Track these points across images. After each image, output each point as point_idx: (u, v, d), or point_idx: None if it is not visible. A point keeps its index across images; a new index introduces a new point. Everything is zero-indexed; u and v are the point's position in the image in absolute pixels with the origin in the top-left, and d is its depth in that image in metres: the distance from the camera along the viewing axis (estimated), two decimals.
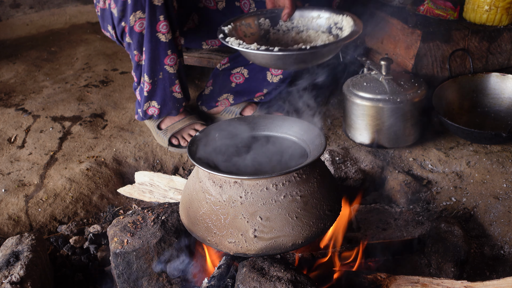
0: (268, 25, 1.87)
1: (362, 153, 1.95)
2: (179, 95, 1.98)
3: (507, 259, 1.50)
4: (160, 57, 1.84)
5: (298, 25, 1.87)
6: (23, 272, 1.33)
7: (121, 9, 1.75)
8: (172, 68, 1.88)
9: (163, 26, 1.77)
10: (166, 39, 1.80)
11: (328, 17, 1.81)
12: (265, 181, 1.15)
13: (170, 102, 1.99)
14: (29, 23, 3.70)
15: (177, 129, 2.06)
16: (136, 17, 1.75)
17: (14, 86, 2.74)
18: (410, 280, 1.29)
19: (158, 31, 1.78)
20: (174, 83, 1.93)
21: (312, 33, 1.84)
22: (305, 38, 1.85)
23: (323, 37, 1.79)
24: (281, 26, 1.87)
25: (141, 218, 1.44)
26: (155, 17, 1.74)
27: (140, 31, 1.78)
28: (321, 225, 1.19)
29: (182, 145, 2.06)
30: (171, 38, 1.82)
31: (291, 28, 1.87)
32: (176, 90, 1.96)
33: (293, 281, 1.15)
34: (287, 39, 1.88)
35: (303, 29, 1.86)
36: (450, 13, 2.27)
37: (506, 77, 2.10)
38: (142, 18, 1.75)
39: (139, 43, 1.82)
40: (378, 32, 2.37)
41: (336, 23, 1.79)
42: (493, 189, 1.74)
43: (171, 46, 1.83)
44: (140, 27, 1.77)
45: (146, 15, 1.74)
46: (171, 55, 1.85)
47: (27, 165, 2.02)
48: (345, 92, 1.98)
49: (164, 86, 1.93)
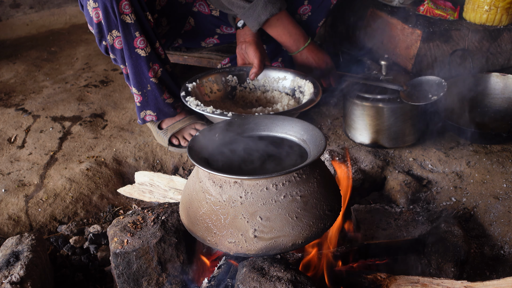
0: (236, 82, 2.00)
1: (362, 153, 1.95)
2: (171, 100, 1.99)
3: (507, 259, 1.50)
4: (143, 71, 1.87)
5: (264, 84, 2.00)
6: (23, 272, 1.33)
7: (98, 31, 1.81)
8: (155, 78, 1.90)
9: (140, 42, 1.80)
10: (146, 53, 1.83)
11: (293, 80, 1.95)
12: (265, 181, 1.15)
13: (164, 108, 2.00)
14: (29, 23, 3.71)
15: (177, 129, 2.06)
16: (113, 36, 1.79)
17: (14, 86, 2.74)
18: (410, 280, 1.29)
19: (136, 47, 1.81)
20: (163, 91, 1.95)
21: (276, 94, 1.97)
22: (269, 99, 1.97)
23: (285, 99, 1.90)
24: (248, 84, 1.99)
25: (141, 218, 1.44)
26: (131, 34, 1.78)
27: (120, 47, 1.82)
28: (321, 225, 1.19)
29: (182, 145, 2.07)
30: (151, 51, 1.84)
31: (258, 87, 2.00)
32: (166, 96, 1.97)
33: (293, 281, 1.15)
34: (252, 97, 2.01)
35: (269, 89, 1.99)
36: (450, 13, 2.27)
37: (506, 77, 2.10)
38: (118, 36, 1.79)
39: (122, 58, 1.86)
40: (378, 32, 2.37)
41: (300, 86, 1.93)
42: (493, 189, 1.74)
43: (152, 59, 1.86)
44: (119, 44, 1.82)
45: (121, 34, 1.78)
46: (153, 66, 1.87)
47: (27, 165, 2.02)
48: (345, 92, 1.98)
49: (154, 96, 1.95)
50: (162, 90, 1.94)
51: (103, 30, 1.79)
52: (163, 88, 1.94)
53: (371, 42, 2.42)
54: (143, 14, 1.77)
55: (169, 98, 1.99)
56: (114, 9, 1.71)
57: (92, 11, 1.74)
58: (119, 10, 1.71)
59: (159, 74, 1.90)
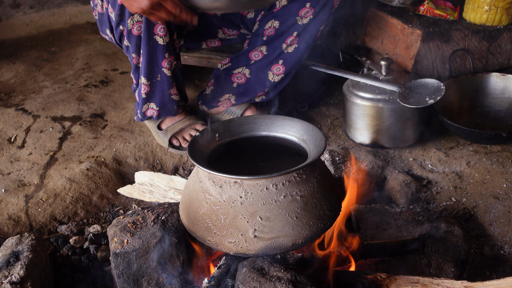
0: None
1: (362, 153, 1.95)
2: (177, 97, 1.98)
3: (507, 259, 1.50)
4: (158, 60, 1.85)
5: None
6: (23, 272, 1.33)
7: (119, 13, 1.75)
8: (169, 71, 1.88)
9: (160, 29, 1.78)
10: (164, 42, 1.80)
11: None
12: (265, 181, 1.15)
13: (168, 104, 1.99)
14: (29, 23, 3.71)
15: (178, 129, 2.06)
16: (134, 20, 1.75)
17: (14, 86, 2.74)
18: (410, 280, 1.28)
19: (155, 33, 1.78)
20: (172, 86, 1.94)
21: None
22: None
23: None
24: None
25: (141, 218, 1.44)
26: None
27: (138, 34, 1.79)
28: (321, 225, 1.19)
29: (183, 146, 2.06)
30: (169, 41, 1.82)
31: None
32: (174, 92, 1.96)
33: (293, 281, 1.15)
34: None
35: None
36: (450, 13, 2.27)
37: (506, 77, 2.10)
38: (140, 21, 1.75)
39: (137, 46, 1.82)
40: (378, 32, 2.37)
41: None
42: (493, 189, 1.74)
43: (169, 49, 1.84)
44: (138, 30, 1.78)
45: (144, 18, 1.74)
46: (168, 57, 1.85)
47: (27, 165, 2.02)
48: (345, 92, 1.98)
49: (162, 88, 1.93)
50: (172, 84, 1.92)
51: (125, 13, 1.74)
52: (173, 82, 1.92)
53: (371, 42, 2.42)
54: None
55: (176, 95, 1.97)
56: None
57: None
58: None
59: (173, 67, 1.88)
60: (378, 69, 1.95)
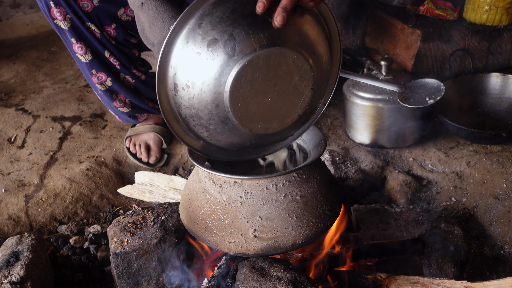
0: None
1: (362, 153, 1.95)
2: (126, 109, 1.98)
3: (507, 259, 1.50)
4: (88, 76, 1.89)
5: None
6: (23, 272, 1.33)
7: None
8: (102, 86, 1.89)
9: (78, 48, 1.81)
10: (86, 60, 1.83)
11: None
12: (265, 181, 1.15)
13: (121, 115, 2.01)
14: (29, 23, 3.71)
15: (136, 132, 2.07)
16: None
17: (14, 86, 2.74)
18: (410, 280, 1.28)
19: (75, 52, 1.82)
20: (114, 99, 1.94)
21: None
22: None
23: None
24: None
25: (141, 218, 1.44)
26: (68, 40, 1.79)
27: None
28: (321, 225, 1.19)
29: (138, 157, 2.04)
30: (92, 58, 1.83)
31: None
32: (118, 105, 1.96)
33: (293, 281, 1.15)
34: None
35: None
36: (450, 13, 2.27)
37: (506, 77, 2.10)
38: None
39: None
40: (378, 32, 2.37)
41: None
42: (493, 189, 1.74)
43: (94, 66, 1.85)
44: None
45: (60, 36, 1.81)
46: (97, 74, 1.86)
47: (27, 165, 2.02)
48: (345, 92, 1.98)
49: (106, 101, 1.97)
50: (112, 98, 1.93)
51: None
52: (113, 96, 1.93)
53: (371, 42, 2.42)
54: (81, 24, 1.75)
55: (123, 107, 1.97)
56: (47, 14, 1.73)
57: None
58: (52, 16, 1.72)
59: (108, 83, 1.89)
60: (378, 69, 1.95)
